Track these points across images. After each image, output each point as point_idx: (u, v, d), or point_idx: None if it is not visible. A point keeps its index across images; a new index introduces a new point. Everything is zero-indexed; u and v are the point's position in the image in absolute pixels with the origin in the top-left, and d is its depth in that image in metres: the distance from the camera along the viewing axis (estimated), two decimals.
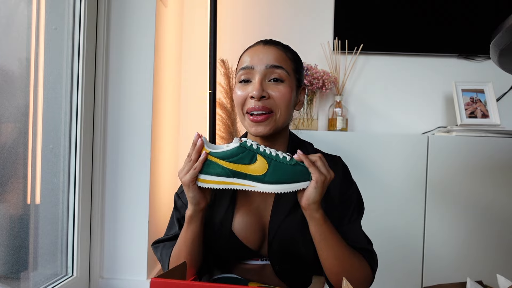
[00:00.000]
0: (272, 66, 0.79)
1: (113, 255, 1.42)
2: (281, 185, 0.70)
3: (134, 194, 1.42)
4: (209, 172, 0.73)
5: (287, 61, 0.82)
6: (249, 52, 0.83)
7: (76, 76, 1.33)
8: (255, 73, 0.80)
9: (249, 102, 0.80)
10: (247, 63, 0.81)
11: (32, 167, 1.16)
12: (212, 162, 0.73)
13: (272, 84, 0.80)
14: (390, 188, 1.56)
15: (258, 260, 0.83)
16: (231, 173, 0.71)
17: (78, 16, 1.33)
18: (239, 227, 0.81)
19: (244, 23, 1.92)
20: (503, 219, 1.52)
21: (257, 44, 0.84)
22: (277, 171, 0.70)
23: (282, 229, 0.80)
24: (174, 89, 1.81)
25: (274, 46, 0.83)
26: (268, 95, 0.79)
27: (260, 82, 0.79)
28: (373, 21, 1.87)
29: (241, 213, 0.82)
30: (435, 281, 1.49)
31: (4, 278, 1.06)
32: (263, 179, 0.71)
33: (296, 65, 0.85)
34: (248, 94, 0.80)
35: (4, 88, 1.05)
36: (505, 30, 0.77)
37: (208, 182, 0.73)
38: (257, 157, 0.71)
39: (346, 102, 1.91)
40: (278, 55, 0.81)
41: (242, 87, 0.81)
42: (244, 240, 0.80)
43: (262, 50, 0.81)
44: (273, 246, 0.80)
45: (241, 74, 0.81)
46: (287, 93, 0.80)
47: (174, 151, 1.83)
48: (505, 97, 1.85)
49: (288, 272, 0.83)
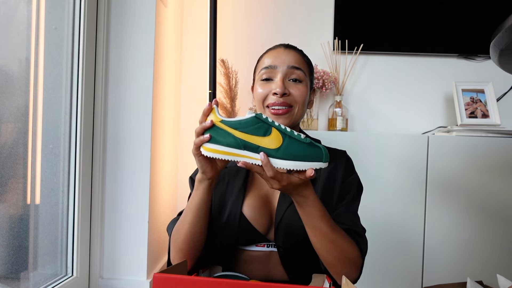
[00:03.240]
0: (293, 67, 0.89)
1: (113, 255, 1.42)
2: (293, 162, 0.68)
3: (134, 194, 1.42)
4: (219, 141, 0.69)
5: (304, 64, 0.92)
6: (271, 53, 0.92)
7: (76, 76, 1.33)
8: (277, 72, 0.89)
9: (271, 98, 0.88)
10: (270, 63, 0.90)
11: (32, 167, 1.16)
12: (223, 131, 0.69)
13: (292, 83, 0.89)
14: (390, 188, 1.56)
15: (264, 247, 0.88)
16: (242, 144, 0.68)
17: (78, 16, 1.33)
18: (249, 209, 0.87)
19: (244, 23, 1.92)
20: (503, 219, 1.52)
21: (278, 46, 0.94)
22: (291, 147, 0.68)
23: (288, 215, 0.86)
24: (174, 89, 1.81)
25: (293, 50, 0.93)
26: (289, 92, 0.88)
27: (282, 80, 0.88)
28: (373, 21, 1.87)
29: (251, 196, 0.89)
30: (435, 281, 1.50)
31: (4, 278, 1.06)
32: (275, 154, 0.68)
33: (310, 69, 0.95)
34: (270, 91, 0.88)
35: (4, 88, 1.05)
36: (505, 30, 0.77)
37: (216, 151, 0.69)
38: (271, 130, 0.69)
39: (346, 102, 1.91)
40: (297, 58, 0.91)
41: (263, 85, 0.90)
42: (253, 222, 0.87)
43: (283, 52, 0.91)
44: (279, 230, 0.86)
45: (263, 72, 0.90)
46: (304, 91, 0.90)
47: (174, 151, 1.83)
48: (505, 97, 1.85)
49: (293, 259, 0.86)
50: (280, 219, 0.86)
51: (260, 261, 0.88)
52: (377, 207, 1.55)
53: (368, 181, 1.54)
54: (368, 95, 1.91)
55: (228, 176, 0.93)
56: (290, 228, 0.85)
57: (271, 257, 0.88)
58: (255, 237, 0.87)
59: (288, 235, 0.85)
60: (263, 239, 0.87)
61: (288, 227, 0.85)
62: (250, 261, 0.88)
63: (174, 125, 1.82)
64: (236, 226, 0.86)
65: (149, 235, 1.43)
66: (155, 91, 1.46)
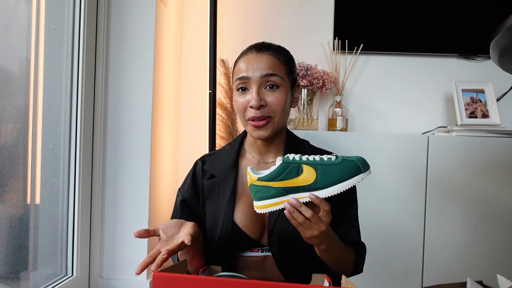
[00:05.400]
0: (266, 74, 0.84)
1: (113, 255, 1.42)
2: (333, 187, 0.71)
3: (134, 194, 1.42)
4: (263, 197, 0.74)
5: (280, 66, 0.86)
6: (243, 60, 0.87)
7: (76, 76, 1.33)
8: (252, 83, 0.85)
9: (249, 111, 0.85)
10: (242, 73, 0.86)
11: (32, 167, 1.16)
12: (263, 187, 0.74)
13: (268, 91, 0.85)
14: (390, 188, 1.56)
15: (259, 252, 0.87)
16: (284, 191, 0.73)
17: (78, 16, 1.33)
18: (240, 217, 0.87)
19: (244, 23, 1.92)
20: (503, 219, 1.52)
21: (250, 51, 0.88)
22: (325, 174, 0.71)
23: (281, 221, 0.85)
24: (174, 89, 1.81)
25: (266, 53, 0.86)
26: (266, 102, 0.84)
27: (257, 92, 0.84)
28: (373, 21, 1.87)
29: (241, 204, 0.88)
30: (435, 281, 1.49)
31: (4, 278, 1.06)
32: (314, 186, 0.71)
33: (289, 67, 0.89)
34: (248, 103, 0.85)
35: (4, 88, 1.05)
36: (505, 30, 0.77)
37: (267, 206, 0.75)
38: (302, 168, 0.72)
39: (346, 102, 1.91)
40: (271, 62, 0.85)
41: (240, 95, 0.87)
42: (245, 229, 0.86)
43: (255, 59, 0.86)
44: (273, 236, 0.85)
45: (238, 83, 0.87)
46: (282, 98, 0.85)
47: (174, 151, 1.83)
48: (505, 97, 1.85)
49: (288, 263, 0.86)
50: (273, 226, 0.85)
51: (256, 266, 0.88)
52: (377, 207, 1.55)
53: (368, 181, 1.54)
54: (368, 95, 1.91)
55: (218, 186, 0.92)
56: (284, 234, 0.85)
57: (266, 261, 0.88)
58: (249, 243, 0.87)
59: (282, 241, 0.85)
60: (256, 244, 0.87)
61: (282, 233, 0.85)
62: (246, 266, 0.88)
63: (174, 125, 1.82)
64: (230, 234, 0.86)
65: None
66: (155, 91, 1.46)
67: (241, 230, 0.86)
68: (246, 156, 0.96)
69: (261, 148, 0.93)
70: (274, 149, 0.93)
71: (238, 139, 0.99)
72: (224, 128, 1.79)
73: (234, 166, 0.93)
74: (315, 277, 0.83)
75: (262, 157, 0.94)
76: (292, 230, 0.83)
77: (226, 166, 0.93)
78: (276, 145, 0.92)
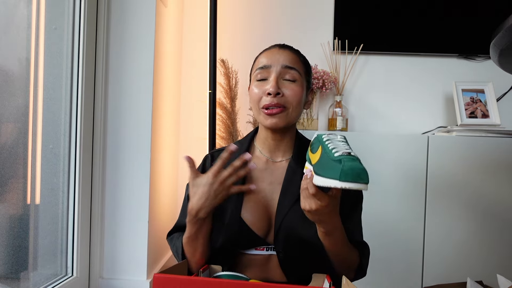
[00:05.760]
0: (287, 66, 0.88)
1: (113, 255, 1.42)
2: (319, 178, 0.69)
3: (134, 194, 1.42)
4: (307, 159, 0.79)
5: (300, 64, 0.91)
6: (266, 53, 0.92)
7: (76, 76, 1.33)
8: (272, 72, 0.88)
9: (265, 99, 0.87)
10: (264, 63, 0.89)
11: (32, 167, 1.16)
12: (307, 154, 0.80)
13: (286, 82, 0.88)
14: (390, 188, 1.56)
15: (264, 250, 0.88)
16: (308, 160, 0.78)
17: (78, 16, 1.33)
18: (248, 214, 0.88)
19: (244, 23, 1.92)
20: (503, 219, 1.52)
21: (273, 47, 0.93)
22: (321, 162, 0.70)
23: (287, 220, 0.86)
24: (174, 89, 1.81)
25: (288, 50, 0.91)
26: (283, 93, 0.87)
27: (276, 80, 0.87)
28: (373, 21, 1.87)
29: (249, 201, 0.89)
30: (435, 281, 1.49)
31: (4, 278, 1.06)
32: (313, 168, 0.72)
33: (307, 68, 0.93)
34: (265, 92, 0.87)
35: (4, 88, 1.05)
36: (505, 30, 0.77)
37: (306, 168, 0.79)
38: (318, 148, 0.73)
39: (346, 102, 1.91)
40: (292, 57, 0.90)
41: (259, 85, 0.89)
42: (252, 226, 0.86)
43: (278, 52, 0.90)
44: (279, 235, 0.86)
45: (258, 73, 0.90)
46: (299, 91, 0.88)
47: (174, 151, 1.83)
48: (505, 97, 1.85)
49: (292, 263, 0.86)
50: (280, 225, 0.85)
51: (260, 265, 0.88)
52: (377, 207, 1.55)
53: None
54: (368, 95, 1.91)
55: None
56: (290, 233, 0.85)
57: (270, 260, 0.88)
58: (254, 241, 0.87)
59: (288, 240, 0.85)
60: (262, 242, 0.87)
61: (288, 232, 0.85)
62: (250, 265, 0.88)
63: (174, 125, 1.82)
64: (236, 230, 0.86)
65: (149, 235, 1.43)
66: (155, 91, 1.46)
67: (248, 226, 0.86)
68: (256, 153, 0.96)
69: (271, 145, 0.94)
70: (283, 148, 0.94)
71: (248, 136, 1.00)
72: (224, 128, 1.79)
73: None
74: (316, 277, 0.83)
75: (272, 155, 0.94)
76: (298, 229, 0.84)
77: None
78: (285, 143, 0.94)
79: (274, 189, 0.90)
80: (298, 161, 0.91)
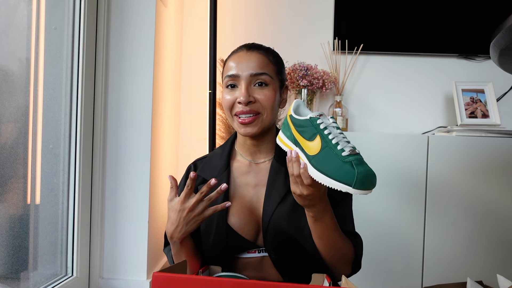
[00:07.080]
0: (256, 74, 0.85)
1: (113, 255, 1.42)
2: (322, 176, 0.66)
3: (134, 194, 1.42)
4: (284, 131, 0.77)
5: (270, 65, 0.88)
6: (234, 58, 0.89)
7: (76, 76, 1.33)
8: (241, 80, 0.86)
9: (237, 106, 0.86)
10: (232, 71, 0.87)
11: (32, 167, 1.16)
12: (287, 124, 0.76)
13: (257, 88, 0.86)
14: (390, 188, 1.56)
15: (256, 253, 0.87)
16: (294, 141, 0.74)
17: (78, 16, 1.33)
18: (234, 219, 0.87)
19: (244, 23, 1.92)
20: (503, 219, 1.52)
21: (241, 49, 0.90)
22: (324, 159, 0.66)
23: (274, 219, 0.85)
24: (174, 89, 1.81)
25: (256, 52, 0.88)
26: (254, 99, 0.85)
27: (246, 88, 0.85)
28: (373, 21, 1.87)
29: (235, 206, 0.88)
30: (435, 281, 1.49)
31: (4, 278, 1.06)
32: (310, 161, 0.69)
33: (278, 67, 0.90)
34: (236, 99, 0.86)
35: (4, 88, 1.05)
36: (505, 30, 0.77)
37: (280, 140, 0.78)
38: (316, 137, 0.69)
39: (346, 102, 1.91)
40: (261, 61, 0.87)
41: (229, 92, 0.88)
42: (240, 232, 0.86)
43: (245, 57, 0.87)
44: (268, 236, 0.85)
45: (228, 80, 0.88)
46: (271, 96, 0.86)
47: (174, 151, 1.83)
48: (505, 97, 1.85)
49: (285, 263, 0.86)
50: (267, 226, 0.85)
51: (254, 267, 0.88)
52: (376, 207, 1.55)
53: None
54: (368, 95, 1.91)
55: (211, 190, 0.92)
56: (278, 233, 0.85)
57: (264, 261, 0.88)
58: (245, 245, 0.87)
59: (277, 240, 0.85)
60: (252, 245, 0.87)
61: (277, 232, 0.85)
62: (244, 268, 0.88)
63: (174, 125, 1.82)
64: (224, 237, 0.86)
65: (149, 235, 1.43)
66: (155, 91, 1.46)
67: (236, 232, 0.86)
68: (237, 158, 0.96)
69: (251, 148, 0.93)
70: (264, 149, 0.93)
71: (228, 142, 0.99)
72: (224, 128, 1.79)
73: (226, 168, 0.93)
74: (315, 277, 0.83)
75: (253, 158, 0.94)
76: (286, 228, 0.83)
77: (218, 169, 0.93)
78: (266, 145, 0.93)
79: (259, 192, 0.90)
80: (280, 161, 0.90)
